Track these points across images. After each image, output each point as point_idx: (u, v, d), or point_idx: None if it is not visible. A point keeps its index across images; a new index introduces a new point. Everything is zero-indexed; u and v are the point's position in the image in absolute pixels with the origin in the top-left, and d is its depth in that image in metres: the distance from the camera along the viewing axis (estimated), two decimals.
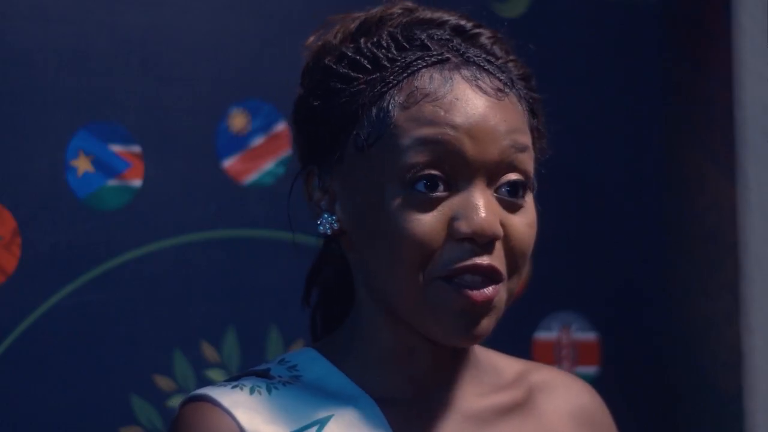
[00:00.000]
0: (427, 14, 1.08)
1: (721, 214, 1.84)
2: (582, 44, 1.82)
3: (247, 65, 1.61)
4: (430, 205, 1.00)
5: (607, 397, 1.22)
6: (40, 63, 1.51)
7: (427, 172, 0.99)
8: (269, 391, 1.04)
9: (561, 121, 1.80)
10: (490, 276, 1.00)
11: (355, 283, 1.09)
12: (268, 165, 1.61)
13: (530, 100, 1.08)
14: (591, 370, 1.79)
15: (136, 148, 1.56)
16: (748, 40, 1.81)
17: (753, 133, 1.81)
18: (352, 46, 1.07)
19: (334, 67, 1.06)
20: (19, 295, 1.48)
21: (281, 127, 1.62)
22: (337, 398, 1.05)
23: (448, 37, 1.06)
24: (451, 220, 1.00)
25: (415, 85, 1.02)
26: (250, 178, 1.61)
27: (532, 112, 1.07)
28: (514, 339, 1.72)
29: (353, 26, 1.09)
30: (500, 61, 1.06)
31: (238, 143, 1.61)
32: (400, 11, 1.09)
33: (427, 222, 0.99)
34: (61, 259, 1.51)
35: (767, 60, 1.82)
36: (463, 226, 0.99)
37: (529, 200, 1.04)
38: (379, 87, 1.03)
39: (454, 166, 1.00)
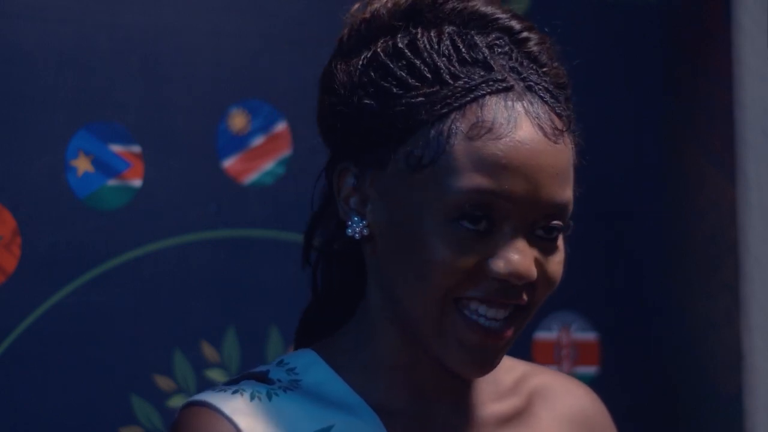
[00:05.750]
0: (480, 7, 1.04)
1: (721, 214, 1.84)
2: (582, 44, 1.81)
3: (247, 65, 1.61)
4: (469, 241, 0.98)
5: (607, 397, 1.21)
6: (40, 63, 1.51)
7: (473, 212, 0.97)
8: (269, 397, 1.04)
9: None
10: (515, 307, 1.00)
11: (368, 287, 1.07)
12: (268, 165, 1.61)
13: (576, 135, 1.06)
14: (591, 370, 1.79)
15: (136, 148, 1.56)
16: (748, 40, 1.82)
17: (753, 133, 1.82)
18: (407, 40, 1.03)
19: (391, 66, 1.02)
20: (19, 295, 1.48)
21: (281, 127, 1.62)
22: (337, 407, 1.04)
23: (507, 50, 1.02)
24: (488, 258, 0.98)
25: (479, 116, 0.99)
26: (250, 178, 1.61)
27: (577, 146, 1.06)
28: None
29: (404, 2, 1.04)
30: (545, 69, 1.03)
31: (238, 143, 1.61)
32: None
33: (463, 257, 0.98)
34: (61, 259, 1.51)
35: (767, 60, 1.82)
36: (500, 267, 0.98)
37: (560, 240, 1.03)
38: (439, 106, 0.99)
39: (501, 210, 0.98)
